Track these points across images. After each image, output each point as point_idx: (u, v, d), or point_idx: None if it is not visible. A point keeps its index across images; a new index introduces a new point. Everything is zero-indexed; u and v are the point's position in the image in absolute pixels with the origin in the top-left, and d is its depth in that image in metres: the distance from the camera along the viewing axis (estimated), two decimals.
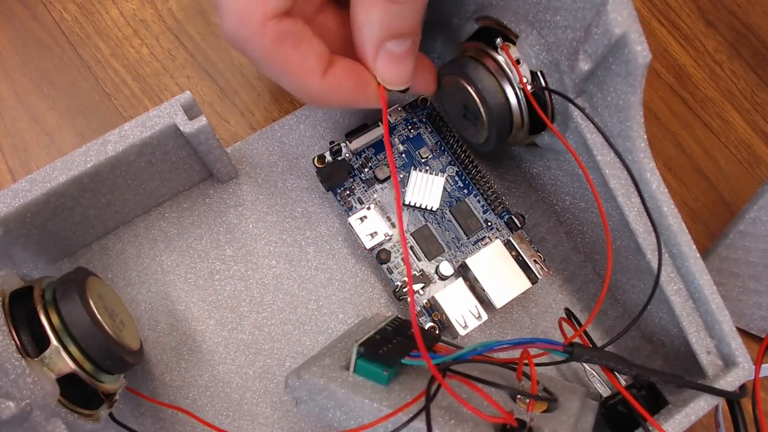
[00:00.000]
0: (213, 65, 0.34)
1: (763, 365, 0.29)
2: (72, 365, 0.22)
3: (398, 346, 0.24)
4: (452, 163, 0.32)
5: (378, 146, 0.32)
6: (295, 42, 0.22)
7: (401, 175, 0.31)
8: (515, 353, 0.23)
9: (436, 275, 0.30)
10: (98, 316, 0.23)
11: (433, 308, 0.29)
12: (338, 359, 0.24)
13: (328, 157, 0.31)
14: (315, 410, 0.23)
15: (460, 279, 0.29)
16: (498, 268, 0.29)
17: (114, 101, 0.33)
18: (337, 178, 0.31)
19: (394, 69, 0.24)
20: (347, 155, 0.31)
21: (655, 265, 0.25)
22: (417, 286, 0.30)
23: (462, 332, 0.28)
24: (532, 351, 0.23)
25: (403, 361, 0.23)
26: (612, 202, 0.26)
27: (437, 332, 0.29)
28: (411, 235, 0.30)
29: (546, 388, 0.26)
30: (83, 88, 0.33)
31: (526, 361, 0.23)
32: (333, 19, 0.25)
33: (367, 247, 0.29)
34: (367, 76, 0.24)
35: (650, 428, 0.24)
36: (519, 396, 0.25)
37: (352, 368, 0.23)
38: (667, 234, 0.25)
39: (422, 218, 0.31)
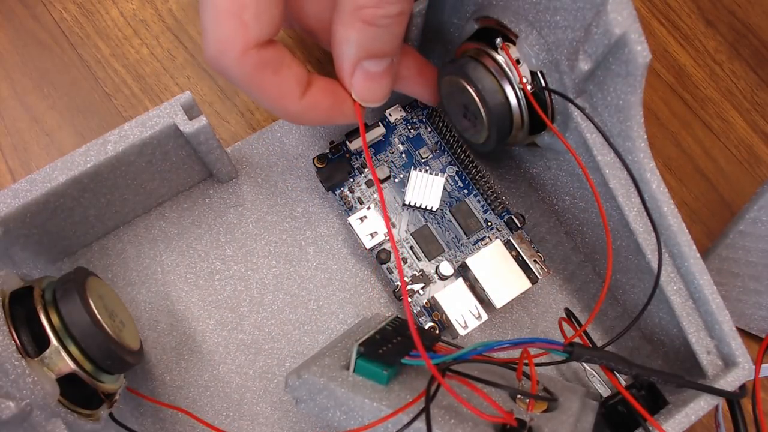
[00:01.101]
0: None
1: (763, 365, 0.29)
2: (72, 365, 0.22)
3: (398, 345, 0.24)
4: (452, 163, 0.32)
5: (378, 146, 0.32)
6: (274, 69, 0.22)
7: (401, 175, 0.31)
8: (515, 353, 0.23)
9: (436, 275, 0.30)
10: (98, 316, 0.23)
11: (433, 308, 0.29)
12: (338, 359, 0.24)
13: (329, 156, 0.31)
14: (315, 410, 0.23)
15: (460, 279, 0.29)
16: (498, 268, 0.29)
17: (114, 101, 0.33)
18: (337, 178, 0.31)
19: (369, 87, 0.24)
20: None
21: (655, 265, 0.25)
22: (417, 286, 0.30)
23: (462, 332, 0.28)
24: (532, 351, 0.23)
25: (403, 360, 0.23)
26: (612, 202, 0.26)
27: (437, 332, 0.29)
28: (411, 235, 0.30)
29: (546, 388, 0.26)
30: (83, 88, 0.33)
31: (526, 361, 0.23)
32: None
33: (367, 247, 0.29)
34: (343, 94, 0.24)
35: (650, 428, 0.24)
36: (519, 396, 0.25)
37: (352, 368, 0.23)
38: (667, 234, 0.25)
39: (422, 218, 0.31)
